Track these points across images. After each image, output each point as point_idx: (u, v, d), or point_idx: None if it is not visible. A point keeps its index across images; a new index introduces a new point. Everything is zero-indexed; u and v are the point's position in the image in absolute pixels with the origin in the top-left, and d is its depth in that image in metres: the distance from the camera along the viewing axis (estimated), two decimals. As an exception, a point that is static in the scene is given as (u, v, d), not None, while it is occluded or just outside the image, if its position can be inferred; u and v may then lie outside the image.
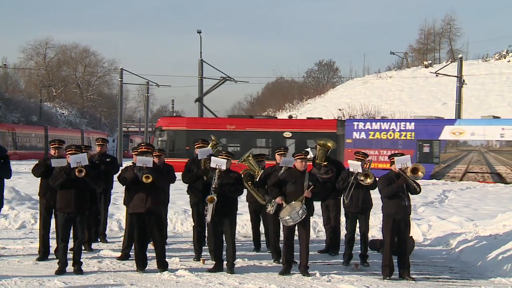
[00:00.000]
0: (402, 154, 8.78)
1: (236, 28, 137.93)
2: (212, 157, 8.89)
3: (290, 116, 38.74)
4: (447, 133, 29.50)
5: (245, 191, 10.14)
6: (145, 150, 8.63)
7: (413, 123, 30.59)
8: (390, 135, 30.43)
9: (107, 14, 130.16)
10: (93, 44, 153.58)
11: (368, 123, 31.56)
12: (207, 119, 37.13)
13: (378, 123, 31.33)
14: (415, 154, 28.67)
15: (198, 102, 39.36)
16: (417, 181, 8.56)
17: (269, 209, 8.96)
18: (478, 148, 28.98)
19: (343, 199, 9.71)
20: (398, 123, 30.97)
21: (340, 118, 39.08)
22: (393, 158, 8.68)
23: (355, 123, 31.85)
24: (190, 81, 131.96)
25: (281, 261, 8.98)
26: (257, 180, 9.61)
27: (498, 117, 31.47)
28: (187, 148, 30.34)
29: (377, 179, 9.26)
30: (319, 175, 9.60)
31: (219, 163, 8.67)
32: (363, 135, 30.81)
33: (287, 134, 31.57)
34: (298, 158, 8.75)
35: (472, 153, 29.01)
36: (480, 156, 28.92)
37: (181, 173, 9.60)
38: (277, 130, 32.36)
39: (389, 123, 31.37)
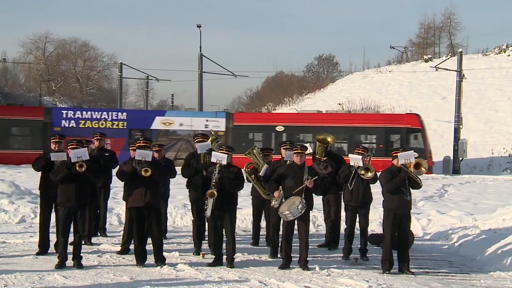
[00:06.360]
0: (404, 150, 8.77)
1: (236, 22, 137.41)
2: (213, 152, 8.88)
3: None
4: (158, 123, 32.02)
5: (250, 185, 10.15)
6: (143, 144, 8.52)
7: (125, 113, 32.99)
8: (102, 123, 31.71)
9: (107, 8, 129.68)
10: (92, 38, 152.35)
11: (79, 112, 32.58)
12: None
13: (89, 112, 32.65)
14: (127, 141, 29.52)
15: None
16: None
17: (273, 203, 8.93)
18: (186, 137, 31.75)
19: (347, 188, 9.66)
20: (110, 113, 32.70)
21: (43, 106, 38.54)
22: (395, 153, 8.66)
23: (64, 112, 32.54)
24: (190, 76, 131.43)
25: (279, 255, 8.99)
26: (260, 174, 9.58)
27: (194, 109, 37.13)
28: None
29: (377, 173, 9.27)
30: (318, 171, 9.59)
31: (219, 157, 8.66)
32: (73, 123, 31.66)
33: None
34: (295, 153, 8.73)
35: (181, 142, 31.75)
36: (188, 144, 31.56)
37: (181, 167, 9.62)
38: None
39: (100, 112, 32.82)
